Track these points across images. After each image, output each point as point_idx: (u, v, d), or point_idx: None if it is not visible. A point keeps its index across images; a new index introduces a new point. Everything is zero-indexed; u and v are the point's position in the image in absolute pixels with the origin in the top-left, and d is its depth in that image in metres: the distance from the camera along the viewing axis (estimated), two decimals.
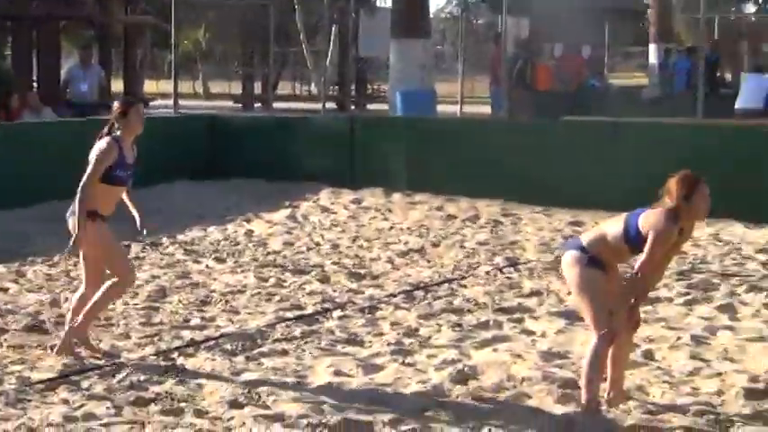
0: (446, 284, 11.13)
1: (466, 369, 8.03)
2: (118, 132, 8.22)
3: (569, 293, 10.31)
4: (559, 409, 7.19)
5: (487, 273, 11.73)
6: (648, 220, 6.77)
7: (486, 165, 16.42)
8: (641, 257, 6.78)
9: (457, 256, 12.67)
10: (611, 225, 7.02)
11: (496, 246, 13.31)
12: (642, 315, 9.67)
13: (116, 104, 8.41)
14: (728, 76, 29.10)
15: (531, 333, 9.23)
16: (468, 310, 9.99)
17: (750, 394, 7.45)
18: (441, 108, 24.67)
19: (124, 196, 8.40)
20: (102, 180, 8.12)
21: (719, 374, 7.98)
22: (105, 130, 8.24)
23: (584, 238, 7.12)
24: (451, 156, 16.72)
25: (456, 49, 32.27)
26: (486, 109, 25.79)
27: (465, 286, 11.06)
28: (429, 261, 12.43)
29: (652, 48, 28.87)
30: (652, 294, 10.45)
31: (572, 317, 9.52)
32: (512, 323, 9.53)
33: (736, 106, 20.40)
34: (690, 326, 9.35)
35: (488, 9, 33.19)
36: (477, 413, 7.13)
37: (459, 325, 9.45)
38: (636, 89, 29.81)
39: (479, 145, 16.76)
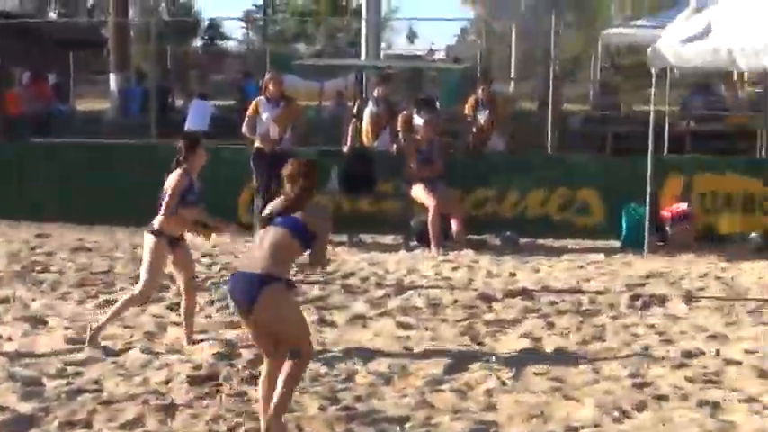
0: None
1: None
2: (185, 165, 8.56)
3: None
4: (23, 406, 7.01)
5: None
6: (312, 216, 6.44)
7: None
8: (318, 250, 6.53)
9: None
10: (277, 241, 6.38)
11: None
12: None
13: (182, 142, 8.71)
14: (180, 102, 29.41)
15: None
16: None
17: (193, 381, 7.61)
18: None
19: None
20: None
21: (168, 365, 8.07)
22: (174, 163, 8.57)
23: (264, 267, 6.32)
24: None
25: None
26: None
27: None
28: None
29: (112, 76, 28.76)
30: (121, 296, 10.47)
31: (32, 321, 9.34)
32: None
33: (185, 128, 20.72)
34: (143, 323, 9.38)
35: None
36: None
37: None
38: (99, 113, 29.51)
39: None
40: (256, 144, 13.71)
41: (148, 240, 8.58)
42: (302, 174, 6.54)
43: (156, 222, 8.57)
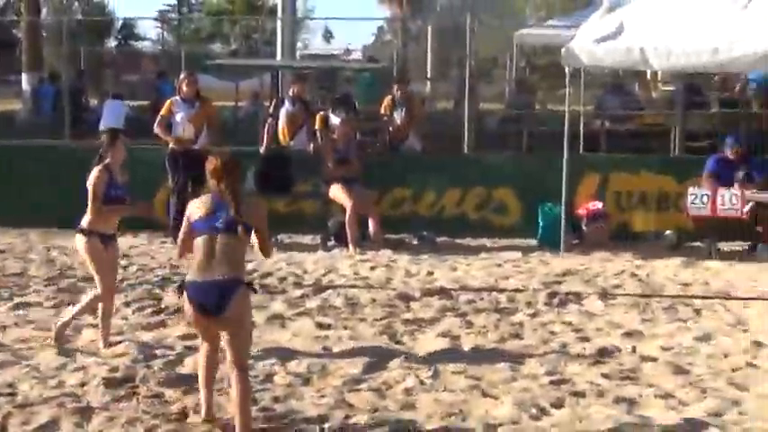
0: None
1: None
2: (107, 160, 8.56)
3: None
4: None
5: None
6: (251, 212, 6.48)
7: None
8: (264, 243, 6.60)
9: None
10: (228, 243, 6.38)
11: None
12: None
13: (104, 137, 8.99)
14: (94, 102, 29.06)
15: None
16: None
17: (109, 383, 7.52)
18: None
19: None
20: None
21: (83, 368, 7.96)
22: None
23: (227, 273, 6.33)
24: None
25: None
26: None
27: None
28: None
29: (24, 76, 28.39)
30: (34, 299, 10.31)
31: None
32: None
33: (100, 128, 20.50)
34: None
35: None
36: None
37: None
38: (11, 113, 29.07)
39: None
40: (171, 145, 13.60)
41: (80, 241, 8.52)
42: (227, 170, 6.52)
43: (85, 221, 8.50)
